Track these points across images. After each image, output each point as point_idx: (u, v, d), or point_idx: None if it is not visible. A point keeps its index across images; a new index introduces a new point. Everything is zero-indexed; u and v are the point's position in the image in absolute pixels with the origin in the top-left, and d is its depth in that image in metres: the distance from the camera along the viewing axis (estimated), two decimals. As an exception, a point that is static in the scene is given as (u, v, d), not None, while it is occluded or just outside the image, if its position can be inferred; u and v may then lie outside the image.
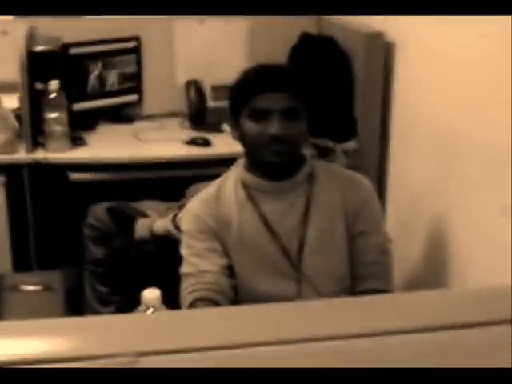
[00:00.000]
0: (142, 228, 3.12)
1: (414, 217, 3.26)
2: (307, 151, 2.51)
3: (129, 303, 3.09)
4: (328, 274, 2.24)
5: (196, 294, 2.11)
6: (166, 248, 3.05)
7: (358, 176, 2.37)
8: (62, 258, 3.53)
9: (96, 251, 3.28)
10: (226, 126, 3.91)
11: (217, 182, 2.34)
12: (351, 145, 3.58)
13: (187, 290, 2.13)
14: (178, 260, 3.09)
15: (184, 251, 2.24)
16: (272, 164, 2.21)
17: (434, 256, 3.12)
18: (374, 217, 2.30)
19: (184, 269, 2.21)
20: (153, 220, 3.12)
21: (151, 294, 1.45)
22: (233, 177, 2.31)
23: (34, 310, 2.50)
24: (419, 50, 3.33)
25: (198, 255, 2.20)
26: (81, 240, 3.33)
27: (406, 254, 2.98)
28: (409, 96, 3.47)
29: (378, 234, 2.30)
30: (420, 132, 3.32)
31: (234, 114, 2.27)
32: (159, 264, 3.16)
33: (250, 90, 2.23)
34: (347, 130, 3.60)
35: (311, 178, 2.28)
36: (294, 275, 2.22)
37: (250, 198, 2.25)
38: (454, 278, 2.95)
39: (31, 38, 3.59)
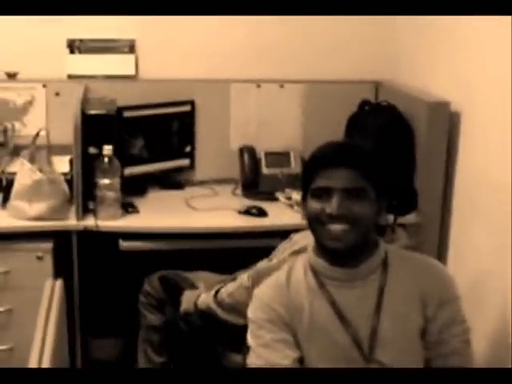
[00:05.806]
0: (187, 301, 3.03)
1: (477, 305, 3.05)
2: None
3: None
4: (400, 364, 2.09)
5: None
6: (212, 323, 2.93)
7: (433, 261, 2.24)
8: (109, 327, 3.42)
9: (152, 318, 3.21)
10: (279, 195, 3.79)
11: (285, 266, 2.21)
12: (411, 218, 3.44)
13: None
14: (219, 337, 2.96)
15: (252, 342, 2.08)
16: (333, 250, 2.07)
17: (499, 340, 2.96)
18: (453, 305, 2.15)
19: (252, 361, 2.06)
20: (198, 293, 3.01)
21: None
22: (302, 261, 2.18)
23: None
24: (486, 119, 3.19)
25: (267, 346, 2.05)
26: (131, 308, 3.22)
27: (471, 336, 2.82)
28: (473, 167, 3.33)
29: (458, 323, 2.15)
30: (484, 206, 3.17)
31: (304, 192, 2.14)
32: (205, 339, 3.04)
33: (313, 167, 2.12)
34: (408, 203, 3.46)
35: (384, 264, 2.14)
36: (365, 366, 2.07)
37: (321, 285, 2.12)
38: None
39: (86, 100, 3.50)
